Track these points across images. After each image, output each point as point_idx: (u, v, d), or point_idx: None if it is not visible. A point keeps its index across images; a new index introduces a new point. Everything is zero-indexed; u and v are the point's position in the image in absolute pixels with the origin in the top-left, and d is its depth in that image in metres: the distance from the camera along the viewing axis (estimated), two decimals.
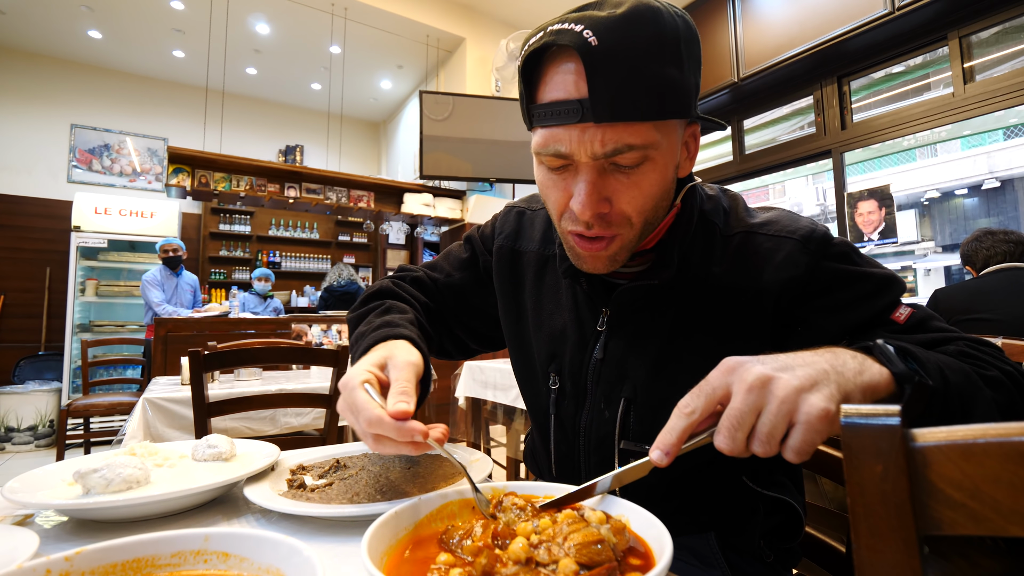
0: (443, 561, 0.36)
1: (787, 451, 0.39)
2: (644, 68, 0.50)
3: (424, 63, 5.36)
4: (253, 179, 4.34)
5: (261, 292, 4.98)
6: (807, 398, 0.38)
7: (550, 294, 0.74)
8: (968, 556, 0.92)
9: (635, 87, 0.50)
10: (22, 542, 0.43)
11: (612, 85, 0.49)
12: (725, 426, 0.39)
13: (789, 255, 0.60)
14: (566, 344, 0.70)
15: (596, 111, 0.50)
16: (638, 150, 0.52)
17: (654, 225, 0.60)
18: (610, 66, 0.49)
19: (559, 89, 0.52)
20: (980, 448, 0.27)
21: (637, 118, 0.51)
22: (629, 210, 0.56)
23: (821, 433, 0.38)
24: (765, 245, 0.62)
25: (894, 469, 0.27)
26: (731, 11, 4.03)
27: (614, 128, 0.51)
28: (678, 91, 0.53)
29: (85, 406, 3.17)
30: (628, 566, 0.35)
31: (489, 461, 0.69)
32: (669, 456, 0.41)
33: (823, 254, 0.60)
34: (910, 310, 0.58)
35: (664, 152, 0.55)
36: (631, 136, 0.51)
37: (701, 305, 0.62)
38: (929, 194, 5.03)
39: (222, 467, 0.70)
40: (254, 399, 1.48)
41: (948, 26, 3.07)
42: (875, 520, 0.29)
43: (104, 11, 4.73)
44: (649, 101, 0.51)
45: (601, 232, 0.57)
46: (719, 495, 0.66)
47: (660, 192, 0.57)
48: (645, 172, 0.54)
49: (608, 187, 0.55)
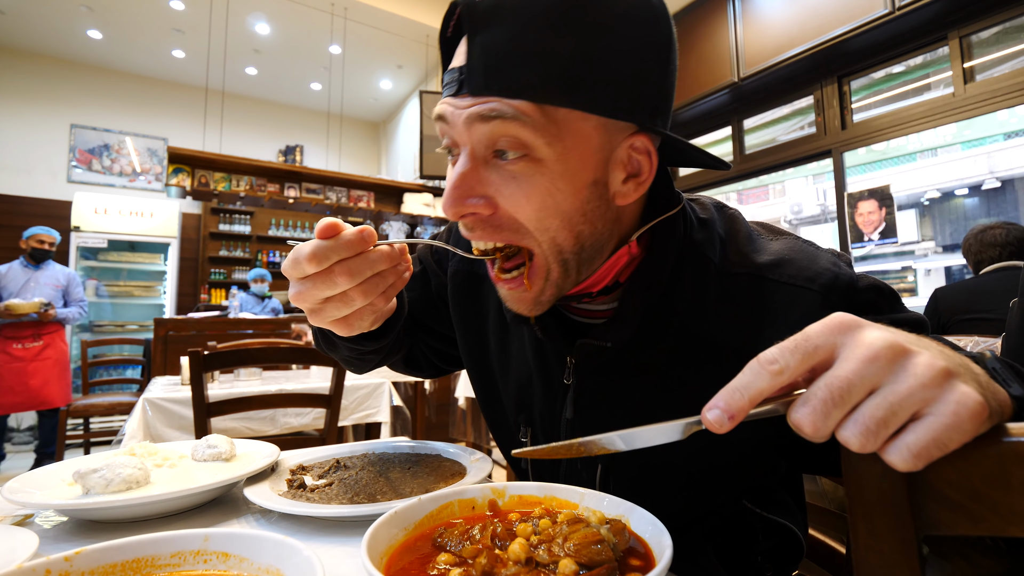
0: (443, 561, 0.36)
1: (898, 450, 0.27)
2: (538, 31, 0.40)
3: (424, 63, 5.36)
4: (253, 179, 4.34)
5: (258, 293, 4.98)
6: (957, 386, 0.27)
7: (516, 332, 0.62)
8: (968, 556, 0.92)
9: (518, 53, 0.40)
10: (22, 542, 0.43)
11: (489, 48, 0.40)
12: (820, 397, 0.28)
13: (807, 311, 0.48)
14: (534, 396, 0.60)
15: (470, 79, 0.41)
16: (516, 135, 0.42)
17: (577, 257, 0.47)
18: (491, 25, 0.40)
19: (457, 56, 0.44)
20: (979, 449, 0.27)
21: (514, 94, 0.40)
22: (519, 216, 0.45)
23: (966, 433, 0.27)
24: (777, 296, 0.50)
25: (893, 469, 0.27)
26: (731, 11, 4.03)
27: (489, 101, 0.41)
28: (603, 76, 0.41)
29: (85, 406, 3.17)
30: (628, 566, 0.35)
31: (489, 461, 0.69)
32: (733, 420, 0.30)
33: (849, 305, 0.47)
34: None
35: (570, 156, 0.43)
36: (508, 112, 0.41)
37: (692, 362, 0.51)
38: (929, 194, 5.03)
39: (222, 467, 0.70)
40: (254, 399, 1.47)
41: (948, 26, 3.07)
42: (874, 520, 0.29)
43: (104, 11, 4.73)
44: (537, 75, 0.40)
45: (487, 236, 0.46)
46: (718, 519, 0.61)
47: (557, 207, 0.44)
48: (527, 173, 0.43)
49: (487, 180, 0.45)
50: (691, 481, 0.56)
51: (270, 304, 4.90)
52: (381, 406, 2.13)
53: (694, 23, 4.38)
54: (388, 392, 2.12)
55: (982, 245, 2.09)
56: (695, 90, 4.29)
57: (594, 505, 0.45)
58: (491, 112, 0.41)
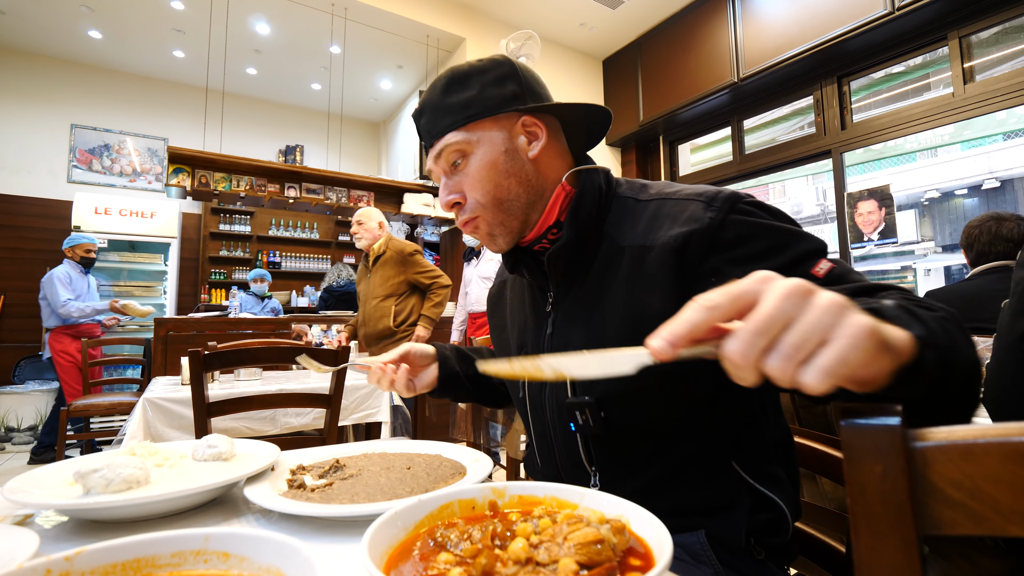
0: (443, 561, 0.36)
1: (812, 371, 0.32)
2: (437, 103, 0.72)
3: (424, 63, 5.36)
4: (253, 179, 4.34)
5: (258, 293, 4.97)
6: (852, 314, 0.32)
7: (518, 300, 0.85)
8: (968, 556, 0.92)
9: (435, 117, 0.73)
10: (22, 542, 0.43)
11: (426, 123, 0.74)
12: (746, 330, 0.33)
13: (692, 213, 0.64)
14: (528, 332, 0.80)
15: (425, 141, 0.75)
16: (454, 149, 0.71)
17: (513, 202, 0.72)
18: (423, 114, 0.75)
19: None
20: (980, 448, 0.27)
21: (440, 134, 0.72)
22: (473, 194, 0.72)
23: (863, 351, 0.32)
24: (674, 208, 0.67)
25: (894, 469, 0.27)
26: (731, 11, 4.03)
27: (436, 145, 0.73)
28: (470, 104, 0.71)
29: (85, 406, 3.17)
30: (628, 566, 0.35)
31: (489, 461, 0.69)
32: (673, 347, 0.36)
33: (730, 208, 0.62)
34: (830, 265, 0.57)
35: (479, 145, 0.71)
36: (441, 145, 0.72)
37: (620, 266, 0.68)
38: (929, 194, 5.03)
39: (222, 467, 0.70)
40: (254, 399, 1.47)
41: (948, 26, 3.07)
42: (875, 520, 0.29)
43: (104, 11, 4.73)
44: (443, 121, 0.72)
45: (464, 219, 0.74)
46: (707, 484, 0.66)
47: (493, 174, 0.71)
48: (471, 164, 0.71)
49: (455, 184, 0.73)
50: (658, 392, 0.66)
51: (270, 304, 4.90)
52: (381, 406, 2.13)
53: (694, 23, 4.38)
54: (388, 392, 2.12)
55: (995, 237, 1.91)
56: (695, 90, 4.29)
57: (594, 505, 0.45)
58: (439, 147, 0.73)
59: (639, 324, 0.62)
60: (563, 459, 0.73)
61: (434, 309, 2.99)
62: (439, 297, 3.00)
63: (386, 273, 2.99)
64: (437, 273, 3.05)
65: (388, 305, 2.95)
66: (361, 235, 3.10)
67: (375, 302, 2.96)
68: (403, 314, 2.98)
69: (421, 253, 3.09)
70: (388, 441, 0.84)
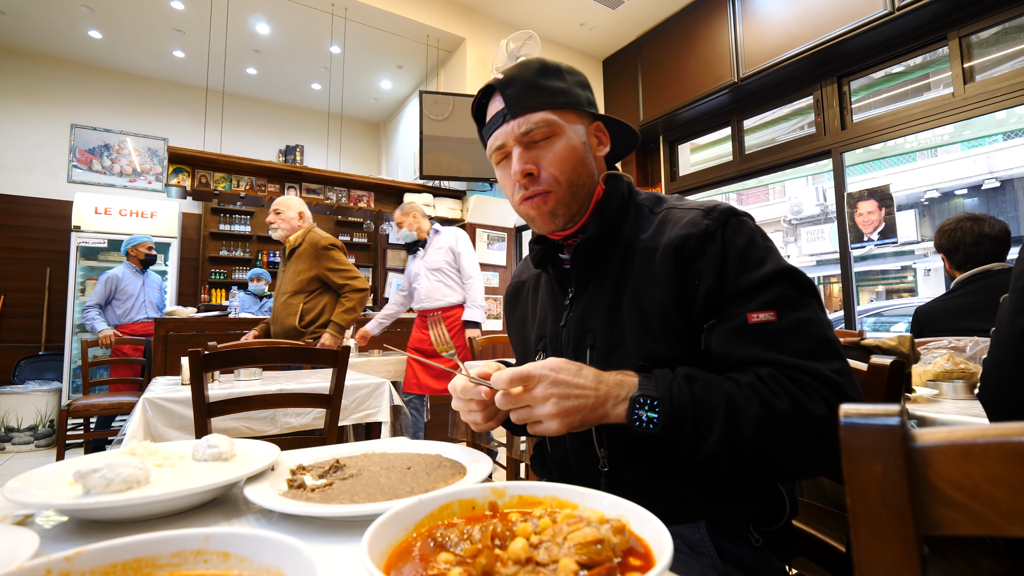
0: (443, 561, 0.36)
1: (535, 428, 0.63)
2: (533, 81, 0.78)
3: (424, 63, 5.36)
4: (253, 179, 4.34)
5: (256, 292, 4.96)
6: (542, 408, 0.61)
7: (538, 300, 0.92)
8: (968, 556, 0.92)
9: (530, 91, 0.78)
10: (22, 542, 0.43)
11: (517, 93, 0.78)
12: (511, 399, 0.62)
13: (692, 219, 0.72)
14: (547, 324, 0.86)
15: (510, 110, 0.78)
16: (542, 126, 0.76)
17: (581, 188, 0.79)
18: (513, 84, 0.78)
19: (492, 112, 0.81)
20: (980, 448, 0.27)
21: (536, 108, 0.77)
22: (551, 169, 0.77)
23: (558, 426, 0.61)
24: (677, 216, 0.75)
25: (894, 469, 0.27)
26: (731, 11, 4.03)
27: (523, 116, 0.77)
28: (565, 92, 0.79)
29: (85, 406, 3.17)
30: (628, 566, 0.35)
31: (489, 461, 0.69)
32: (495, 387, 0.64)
33: (724, 221, 0.70)
34: (769, 318, 0.64)
35: (567, 130, 0.78)
36: (534, 119, 0.76)
37: (632, 264, 0.76)
38: (929, 194, 5.03)
39: (222, 467, 0.70)
40: (254, 399, 1.47)
41: (948, 26, 3.07)
42: (875, 520, 0.29)
43: (104, 11, 4.73)
44: (540, 98, 0.77)
45: (535, 189, 0.77)
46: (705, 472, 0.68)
47: (574, 158, 0.78)
48: (554, 142, 0.77)
49: (531, 156, 0.77)
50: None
51: (268, 303, 4.89)
52: (381, 406, 2.13)
53: (694, 23, 4.38)
54: (388, 392, 2.12)
55: (980, 236, 1.89)
56: (695, 90, 4.29)
57: (594, 505, 0.45)
58: (531, 120, 0.77)
59: (644, 313, 0.72)
60: (573, 440, 0.78)
61: (345, 315, 2.66)
62: (351, 302, 2.69)
63: (298, 267, 2.71)
64: (353, 274, 2.75)
65: (296, 303, 2.66)
66: (278, 225, 2.82)
67: (284, 298, 2.69)
68: (311, 313, 2.68)
69: (341, 249, 2.80)
70: (388, 441, 0.84)
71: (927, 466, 0.29)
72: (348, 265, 2.76)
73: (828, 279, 8.89)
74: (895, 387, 0.72)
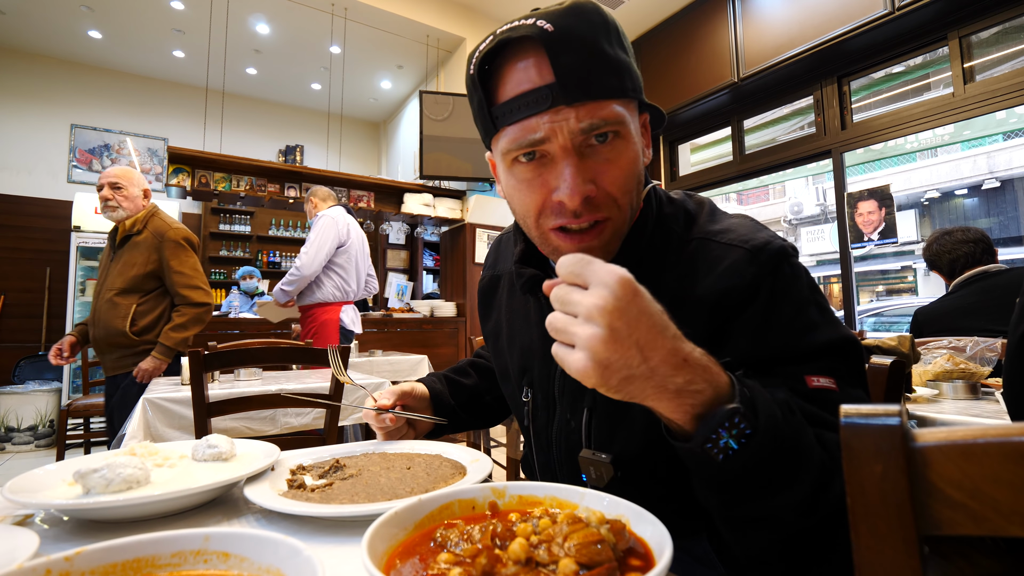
0: (443, 561, 0.36)
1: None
2: (602, 49, 0.52)
3: (424, 63, 5.36)
4: (253, 179, 4.34)
5: (248, 290, 4.92)
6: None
7: (521, 310, 0.75)
8: (968, 556, 0.92)
9: (598, 66, 0.51)
10: (22, 542, 0.43)
11: (577, 65, 0.50)
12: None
13: (734, 264, 0.56)
14: (534, 358, 0.71)
15: (568, 92, 0.51)
16: (612, 125, 0.53)
17: (634, 212, 0.59)
18: (571, 47, 0.50)
19: (523, 82, 0.53)
20: (980, 448, 0.27)
21: (605, 96, 0.52)
22: (614, 190, 0.55)
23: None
24: (715, 253, 0.58)
25: (894, 469, 0.27)
26: (731, 11, 4.03)
27: (586, 106, 0.51)
28: (631, 72, 0.55)
29: (85, 406, 3.17)
30: (628, 566, 0.35)
31: (489, 461, 0.69)
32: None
33: (775, 268, 0.55)
34: (829, 385, 0.51)
35: (632, 130, 0.56)
36: (603, 112, 0.52)
37: None
38: (929, 194, 5.03)
39: (222, 467, 0.70)
40: (254, 399, 1.48)
41: (948, 26, 3.07)
42: (875, 520, 0.29)
43: (104, 11, 4.73)
44: (611, 79, 0.52)
45: (590, 217, 0.55)
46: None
47: (636, 171, 0.57)
48: (621, 149, 0.55)
49: (590, 169, 0.54)
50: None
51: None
52: None
53: (694, 23, 4.38)
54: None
55: (955, 243, 2.03)
56: (695, 90, 4.29)
57: (594, 505, 0.45)
58: (600, 113, 0.52)
59: None
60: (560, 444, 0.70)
61: (173, 333, 2.16)
62: (183, 318, 2.19)
63: (132, 259, 2.19)
64: (195, 283, 2.23)
65: (127, 304, 2.16)
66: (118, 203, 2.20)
67: (109, 295, 2.17)
68: (147, 318, 2.18)
69: (192, 246, 2.28)
70: (388, 441, 0.84)
71: (927, 466, 0.29)
72: (193, 270, 2.24)
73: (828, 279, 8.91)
74: (895, 387, 0.72)
